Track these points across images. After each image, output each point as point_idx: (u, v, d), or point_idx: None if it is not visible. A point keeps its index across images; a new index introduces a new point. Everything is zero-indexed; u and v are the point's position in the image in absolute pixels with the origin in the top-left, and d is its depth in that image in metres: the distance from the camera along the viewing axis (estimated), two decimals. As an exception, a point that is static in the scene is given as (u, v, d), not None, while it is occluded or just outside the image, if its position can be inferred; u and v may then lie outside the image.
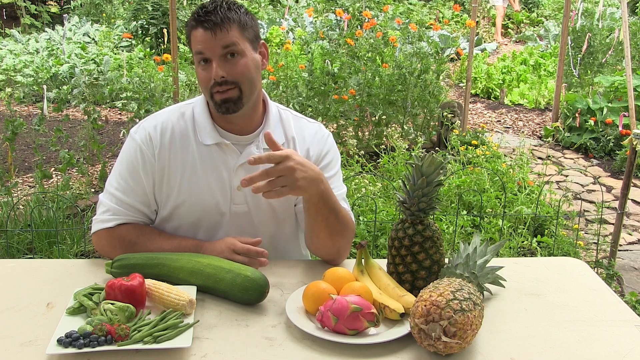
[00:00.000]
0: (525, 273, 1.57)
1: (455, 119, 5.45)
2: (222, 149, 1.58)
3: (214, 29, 1.46)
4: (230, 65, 1.49)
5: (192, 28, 1.50)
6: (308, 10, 6.65)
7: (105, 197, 1.60)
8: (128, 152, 1.60)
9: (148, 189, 1.58)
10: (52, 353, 1.12)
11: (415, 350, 1.18)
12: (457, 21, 11.10)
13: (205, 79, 1.51)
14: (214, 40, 1.47)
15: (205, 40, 1.47)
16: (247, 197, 1.59)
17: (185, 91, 6.37)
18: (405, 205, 1.38)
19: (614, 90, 6.25)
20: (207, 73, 1.50)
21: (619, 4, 6.46)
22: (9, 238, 3.19)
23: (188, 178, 1.57)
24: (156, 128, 1.59)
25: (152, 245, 1.54)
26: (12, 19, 11.69)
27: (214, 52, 1.48)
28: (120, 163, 1.61)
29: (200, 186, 1.57)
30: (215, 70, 1.48)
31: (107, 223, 1.56)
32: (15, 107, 6.63)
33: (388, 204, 3.69)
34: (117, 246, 1.55)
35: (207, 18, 1.47)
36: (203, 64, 1.50)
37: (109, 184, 1.61)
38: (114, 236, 1.56)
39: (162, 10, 8.37)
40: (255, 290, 1.32)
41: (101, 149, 4.58)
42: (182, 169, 1.57)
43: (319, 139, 1.67)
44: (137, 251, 1.51)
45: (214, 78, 1.48)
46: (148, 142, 1.57)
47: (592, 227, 4.05)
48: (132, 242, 1.54)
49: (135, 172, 1.57)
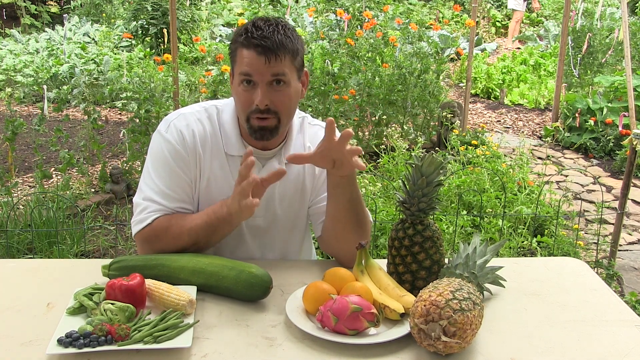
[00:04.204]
0: (525, 273, 1.57)
1: (455, 119, 5.45)
2: None
3: (268, 55, 1.41)
4: (275, 94, 1.45)
5: (241, 46, 1.44)
6: (309, 10, 6.64)
7: (140, 197, 1.53)
8: (161, 150, 1.53)
9: (188, 184, 1.53)
10: (52, 353, 1.11)
11: (415, 350, 1.18)
12: (457, 21, 11.09)
13: (246, 102, 1.46)
14: (265, 67, 1.42)
15: (255, 65, 1.42)
16: (263, 209, 1.59)
17: (185, 91, 6.37)
18: (405, 205, 1.38)
19: (614, 90, 6.25)
20: (249, 95, 1.46)
21: (619, 4, 6.45)
22: (9, 238, 3.19)
23: (210, 185, 1.55)
24: (188, 128, 1.54)
25: (184, 222, 1.48)
26: (12, 19, 11.68)
27: (263, 78, 1.43)
28: (154, 163, 1.54)
29: (221, 195, 1.53)
30: (261, 98, 1.44)
31: (144, 222, 1.49)
32: (15, 107, 6.63)
33: (388, 204, 3.69)
34: (152, 241, 1.48)
35: (261, 42, 1.41)
36: (246, 85, 1.45)
37: (144, 185, 1.53)
38: (148, 232, 1.49)
39: (162, 10, 8.37)
40: (260, 286, 1.33)
41: (101, 149, 4.59)
42: (208, 174, 1.54)
43: None
44: (172, 234, 1.46)
45: (258, 104, 1.44)
46: (181, 140, 1.52)
47: (592, 227, 4.05)
48: (165, 227, 1.47)
49: (173, 170, 1.52)
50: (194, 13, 9.18)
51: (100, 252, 3.48)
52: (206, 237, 1.48)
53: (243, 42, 1.44)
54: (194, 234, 1.46)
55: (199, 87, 5.92)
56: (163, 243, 1.47)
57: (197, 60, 8.67)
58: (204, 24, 10.18)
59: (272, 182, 1.41)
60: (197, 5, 10.27)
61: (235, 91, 1.50)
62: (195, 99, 5.62)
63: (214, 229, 1.46)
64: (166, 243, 1.47)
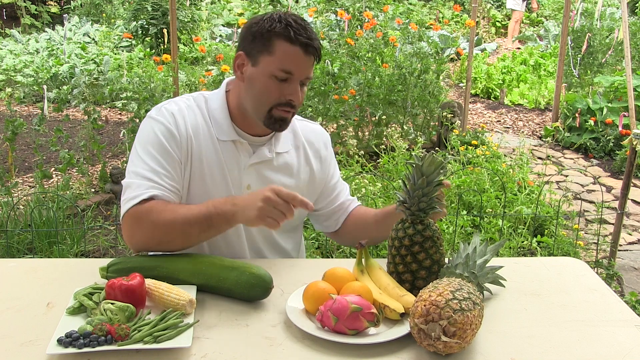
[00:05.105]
0: (525, 273, 1.57)
1: (455, 119, 5.45)
2: (236, 147, 1.57)
3: (315, 57, 1.49)
4: (301, 93, 1.51)
5: (284, 39, 1.44)
6: (310, 10, 6.64)
7: (131, 178, 1.48)
8: (152, 131, 1.51)
9: (178, 165, 1.51)
10: (52, 353, 1.11)
11: (415, 350, 1.18)
12: (457, 21, 11.10)
13: (275, 93, 1.48)
14: (307, 67, 1.48)
15: (301, 63, 1.46)
16: None
17: (185, 91, 6.37)
18: (405, 205, 1.38)
19: (614, 90, 6.25)
20: (280, 88, 1.48)
21: (619, 4, 6.45)
22: (9, 238, 3.19)
23: (203, 169, 1.54)
24: (180, 112, 1.54)
25: (181, 208, 1.44)
26: (12, 19, 11.69)
27: (301, 76, 1.48)
28: (144, 145, 1.50)
29: (212, 180, 1.54)
30: (300, 95, 1.50)
31: (139, 197, 1.43)
32: (15, 107, 6.64)
33: (388, 204, 3.69)
34: (143, 219, 1.41)
35: (310, 42, 1.46)
36: (279, 80, 1.47)
37: (134, 167, 1.48)
38: (142, 209, 1.42)
39: (162, 10, 8.37)
40: (261, 286, 1.33)
41: (101, 149, 4.59)
42: (199, 158, 1.54)
43: (324, 141, 1.75)
44: (164, 219, 1.40)
45: (292, 100, 1.49)
46: (174, 122, 1.51)
47: (592, 227, 4.05)
48: (160, 210, 1.41)
49: (165, 149, 1.49)
50: (194, 13, 9.18)
51: (100, 252, 3.48)
52: (199, 231, 1.42)
53: (287, 36, 1.44)
54: (188, 224, 1.41)
55: (199, 87, 5.92)
56: (154, 226, 1.41)
57: (197, 60, 8.67)
58: (204, 24, 10.19)
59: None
60: (197, 5, 10.27)
61: (260, 80, 1.49)
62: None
63: (210, 224, 1.42)
64: (156, 226, 1.41)
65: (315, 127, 1.76)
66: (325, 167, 1.74)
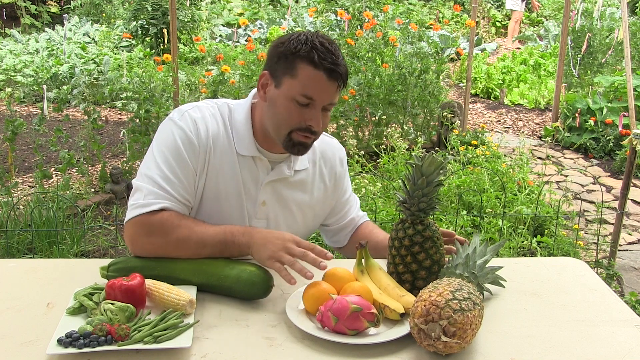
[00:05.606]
0: (525, 273, 1.57)
1: (455, 119, 5.45)
2: (255, 163, 1.54)
3: (338, 82, 1.42)
4: (323, 118, 1.46)
5: (308, 62, 1.40)
6: (310, 10, 6.65)
7: (143, 181, 1.44)
8: (172, 136, 1.47)
9: (192, 175, 1.48)
10: (52, 353, 1.11)
11: (415, 350, 1.18)
12: (457, 21, 11.10)
13: (296, 118, 1.43)
14: (330, 93, 1.42)
15: (324, 89, 1.41)
16: (269, 213, 1.57)
17: (185, 91, 6.37)
18: (405, 205, 1.38)
19: (614, 90, 6.25)
20: (301, 113, 1.43)
21: (619, 4, 6.45)
22: (9, 238, 3.19)
23: (219, 182, 1.51)
24: (203, 120, 1.50)
25: (196, 226, 1.41)
26: (12, 19, 11.69)
27: (323, 102, 1.43)
28: (162, 148, 1.47)
29: (227, 194, 1.52)
30: (319, 122, 1.44)
31: (150, 207, 1.40)
32: (15, 107, 6.64)
33: (388, 204, 3.69)
34: (155, 232, 1.40)
35: (332, 67, 1.39)
36: (300, 104, 1.42)
37: (148, 170, 1.45)
38: (153, 221, 1.40)
39: (162, 10, 8.37)
40: (261, 284, 1.33)
41: (101, 149, 4.59)
42: (217, 171, 1.51)
43: (340, 157, 1.74)
44: (178, 235, 1.39)
45: (313, 126, 1.44)
46: (195, 130, 1.47)
47: (592, 227, 4.06)
48: (175, 225, 1.40)
49: (181, 157, 1.45)
50: (194, 13, 9.18)
51: (100, 252, 3.48)
52: (210, 252, 1.42)
53: (311, 60, 1.39)
54: (201, 245, 1.41)
55: (199, 87, 5.92)
56: (165, 241, 1.40)
57: (197, 60, 8.67)
58: (204, 24, 10.19)
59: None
60: (197, 5, 10.28)
61: (281, 102, 1.44)
62: (195, 99, 5.62)
63: (223, 249, 1.41)
64: (168, 242, 1.40)
65: (332, 142, 1.73)
66: (339, 184, 1.73)
